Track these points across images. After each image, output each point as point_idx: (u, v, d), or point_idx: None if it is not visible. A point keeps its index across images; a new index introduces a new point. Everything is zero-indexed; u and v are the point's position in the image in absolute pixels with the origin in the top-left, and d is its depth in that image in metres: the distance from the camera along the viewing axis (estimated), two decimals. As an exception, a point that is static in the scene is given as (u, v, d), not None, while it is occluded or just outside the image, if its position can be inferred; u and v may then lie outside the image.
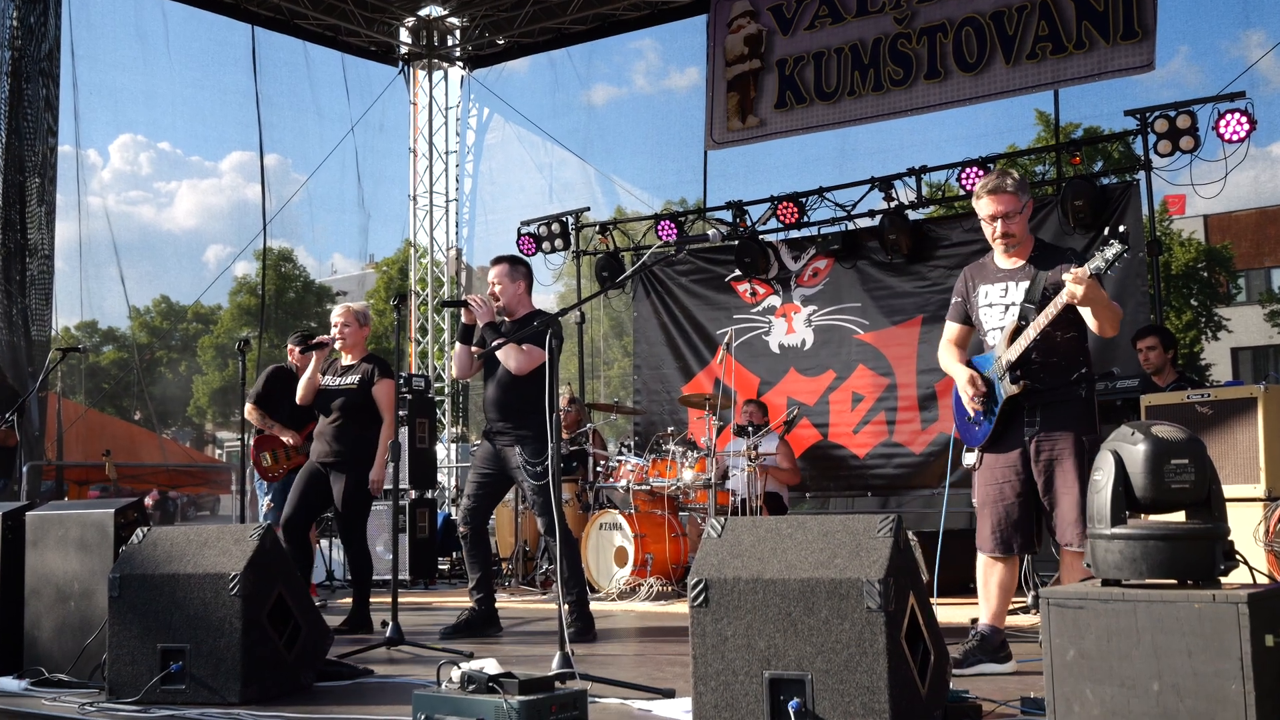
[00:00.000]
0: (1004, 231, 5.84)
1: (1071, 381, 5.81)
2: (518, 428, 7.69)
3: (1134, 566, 3.97)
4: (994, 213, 5.83)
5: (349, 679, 6.06)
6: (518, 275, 7.99)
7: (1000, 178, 5.85)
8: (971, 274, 6.12)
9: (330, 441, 8.35)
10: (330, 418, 8.40)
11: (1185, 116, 10.98)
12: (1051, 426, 5.73)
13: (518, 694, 4.27)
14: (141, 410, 35.06)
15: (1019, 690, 5.01)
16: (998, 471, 5.84)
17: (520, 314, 7.94)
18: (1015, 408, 5.78)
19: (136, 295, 33.75)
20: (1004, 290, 5.91)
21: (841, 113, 13.67)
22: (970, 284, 6.08)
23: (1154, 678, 3.74)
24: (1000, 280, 5.94)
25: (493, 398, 7.83)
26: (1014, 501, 5.79)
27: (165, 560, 5.61)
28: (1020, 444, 5.78)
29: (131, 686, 5.41)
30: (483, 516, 8.00)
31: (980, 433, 5.92)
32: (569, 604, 7.41)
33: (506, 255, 8.19)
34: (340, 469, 8.31)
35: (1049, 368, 5.77)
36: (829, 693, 4.09)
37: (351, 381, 8.41)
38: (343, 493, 8.29)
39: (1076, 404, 5.80)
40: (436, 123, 18.03)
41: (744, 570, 4.35)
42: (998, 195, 5.82)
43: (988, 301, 5.97)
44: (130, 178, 48.80)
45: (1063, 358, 5.79)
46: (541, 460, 7.52)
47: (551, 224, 15.10)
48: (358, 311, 8.65)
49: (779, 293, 13.87)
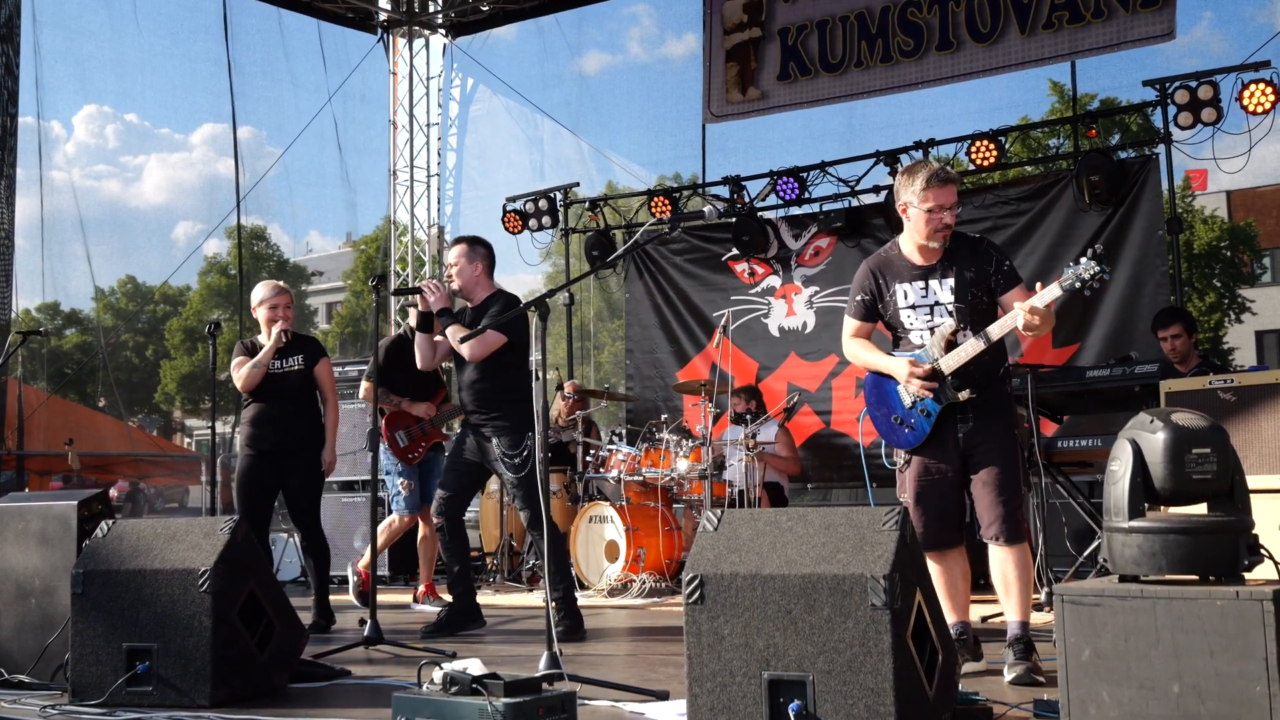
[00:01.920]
0: (949, 223, 5.77)
1: (999, 378, 5.91)
2: (496, 417, 7.74)
3: (1153, 562, 3.96)
4: (945, 203, 5.72)
5: (325, 680, 6.06)
6: (476, 256, 8.03)
7: (943, 168, 5.80)
8: (879, 270, 6.00)
9: (284, 428, 8.53)
10: (280, 403, 8.56)
11: (1207, 87, 10.96)
12: (982, 423, 5.78)
13: (503, 696, 4.27)
14: (106, 397, 35.00)
15: (1032, 692, 5.02)
16: (934, 469, 5.87)
17: (480, 297, 7.99)
18: (949, 408, 5.80)
19: (101, 275, 33.65)
20: (924, 289, 5.84)
21: (848, 85, 13.60)
22: (881, 282, 5.97)
23: (1174, 679, 3.74)
24: (918, 278, 5.86)
25: (468, 385, 7.87)
26: (947, 497, 5.86)
27: (131, 555, 5.60)
28: (955, 441, 5.82)
29: (95, 688, 5.40)
30: (459, 508, 8.06)
31: (913, 435, 5.89)
32: (555, 600, 7.40)
33: (465, 236, 8.27)
34: (296, 456, 8.51)
35: (982, 367, 5.78)
36: (831, 694, 4.09)
37: (294, 364, 8.60)
38: (303, 481, 8.51)
39: (1003, 399, 5.91)
40: (417, 93, 17.94)
41: (742, 566, 4.34)
42: (948, 188, 5.74)
43: (909, 302, 5.88)
44: (96, 151, 48.57)
45: (993, 356, 5.82)
46: (520, 451, 7.56)
47: (539, 200, 15.08)
48: (291, 292, 8.98)
49: (779, 273, 13.86)
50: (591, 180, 16.55)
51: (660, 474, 10.73)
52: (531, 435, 7.64)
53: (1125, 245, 11.63)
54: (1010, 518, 5.70)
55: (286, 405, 8.52)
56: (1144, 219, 11.65)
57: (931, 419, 5.80)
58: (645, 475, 10.85)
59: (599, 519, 10.72)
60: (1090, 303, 11.50)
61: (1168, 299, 11.34)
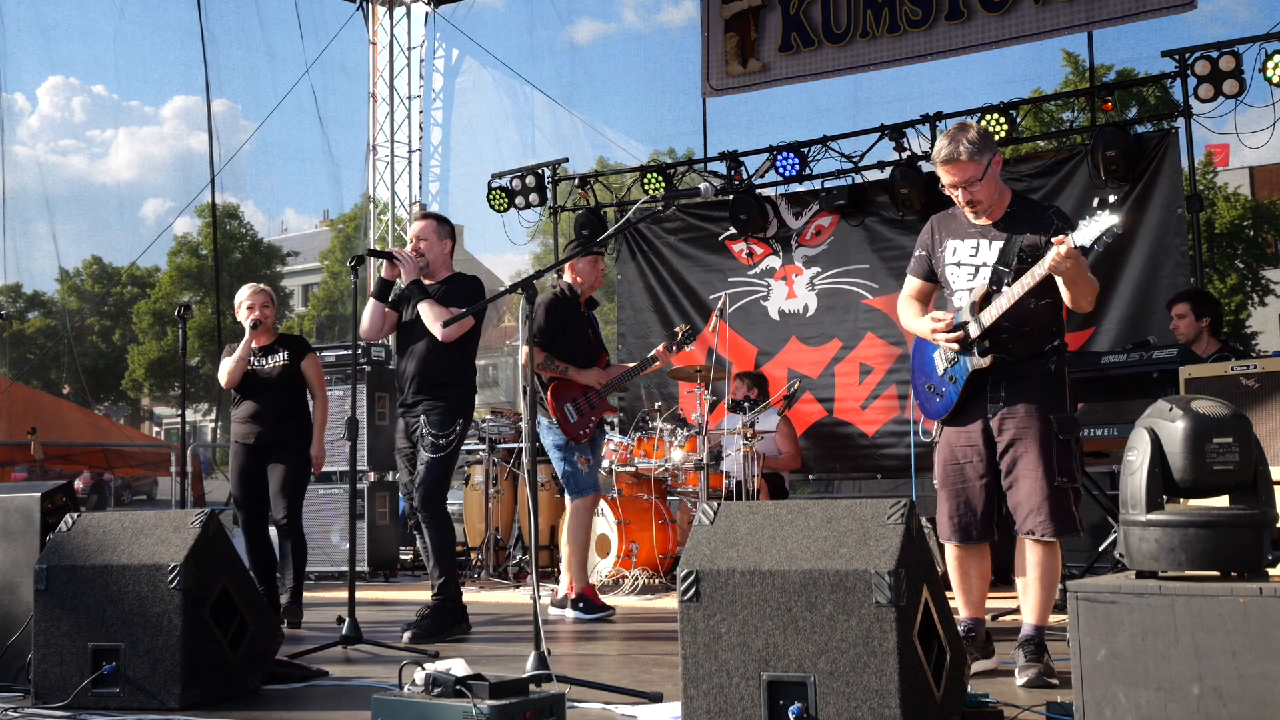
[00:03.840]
0: (968, 200, 5.78)
1: (1043, 353, 5.78)
2: (434, 398, 7.84)
3: (1172, 557, 3.96)
4: (952, 183, 5.77)
5: (301, 681, 6.05)
6: (444, 234, 8.16)
7: (953, 144, 5.75)
8: (939, 225, 6.04)
9: (264, 424, 8.72)
10: (261, 399, 8.75)
11: (1229, 58, 10.96)
12: (1017, 402, 5.70)
13: (488, 698, 4.26)
14: (71, 383, 35.02)
15: (1044, 694, 5.02)
16: (958, 450, 5.83)
17: (442, 275, 8.09)
18: (980, 381, 5.75)
19: (67, 256, 33.64)
20: (974, 248, 5.85)
21: (853, 57, 13.56)
22: (937, 237, 6.01)
23: (1194, 680, 3.74)
24: (972, 237, 5.87)
25: (412, 370, 7.93)
26: (975, 483, 5.78)
27: (97, 550, 5.58)
28: (983, 420, 5.76)
29: (60, 689, 5.39)
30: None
31: (942, 404, 5.88)
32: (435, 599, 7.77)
33: (433, 212, 8.34)
34: (277, 451, 8.69)
35: (1020, 337, 5.72)
36: (833, 696, 4.09)
37: (278, 361, 8.80)
38: (283, 477, 8.64)
39: (1045, 378, 5.76)
40: (398, 65, 17.91)
41: (739, 561, 4.34)
42: (952, 166, 5.75)
43: (955, 259, 5.90)
44: (61, 125, 48.54)
45: (1035, 327, 5.74)
46: (447, 433, 7.66)
47: (526, 176, 15.06)
48: (270, 292, 9.03)
49: (778, 253, 13.85)
50: (586, 157, 16.57)
51: (654, 465, 10.73)
52: (462, 422, 7.83)
53: (1143, 224, 11.62)
54: (1044, 512, 5.59)
55: (272, 401, 8.73)
56: (1162, 196, 11.64)
57: (959, 386, 5.77)
58: (638, 466, 10.85)
59: (589, 512, 10.71)
60: (1106, 284, 11.49)
61: (1187, 280, 11.34)
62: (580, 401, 8.97)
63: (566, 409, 8.91)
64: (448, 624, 7.65)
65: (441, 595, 7.74)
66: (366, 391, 12.39)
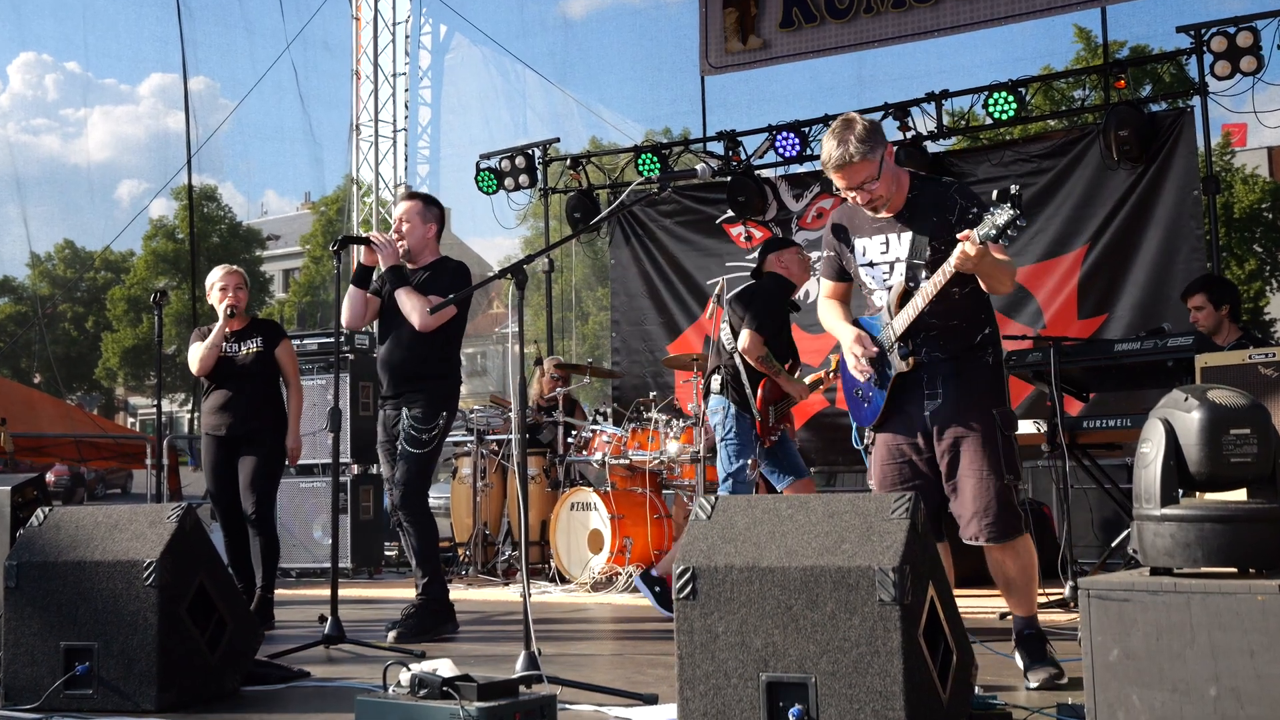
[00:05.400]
0: (868, 201, 5.63)
1: (976, 345, 5.67)
2: (417, 390, 7.79)
3: (1187, 553, 3.96)
4: (848, 186, 5.60)
5: (282, 682, 6.05)
6: (430, 217, 8.07)
7: (842, 146, 5.52)
8: (842, 223, 5.90)
9: (236, 414, 8.65)
10: (232, 387, 8.69)
11: (1247, 33, 10.94)
12: (956, 401, 5.59)
13: (476, 700, 4.26)
14: (43, 372, 35.00)
15: (1055, 696, 5.02)
16: (896, 451, 5.72)
17: (425, 261, 8.01)
18: (912, 381, 5.65)
19: (38, 240, 33.63)
20: (884, 244, 5.72)
21: (857, 33, 13.54)
22: (843, 236, 5.88)
23: (1211, 681, 3.74)
24: (879, 231, 5.73)
25: (394, 360, 7.88)
26: (916, 485, 5.64)
27: (70, 545, 5.57)
28: (920, 421, 5.66)
29: (31, 691, 5.38)
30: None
31: (870, 410, 5.79)
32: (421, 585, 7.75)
33: (418, 192, 8.22)
34: (249, 443, 8.61)
35: (949, 332, 5.62)
36: (835, 698, 4.08)
37: (253, 347, 8.73)
38: (254, 470, 8.56)
39: (984, 372, 5.66)
40: (383, 40, 17.88)
41: (737, 557, 4.33)
42: (844, 170, 5.56)
43: (868, 259, 5.77)
44: (33, 103, 48.66)
45: (963, 319, 5.64)
46: (430, 428, 7.63)
47: (515, 157, 15.03)
48: (244, 273, 9.03)
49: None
50: (579, 137, 16.55)
51: (648, 457, 10.73)
52: (445, 415, 7.79)
53: (1157, 206, 11.62)
54: (990, 515, 5.49)
55: (244, 389, 8.66)
56: (1177, 178, 11.63)
57: (885, 390, 5.67)
58: (632, 458, 10.85)
59: (582, 506, 10.73)
60: (1119, 270, 11.50)
61: (1203, 266, 11.34)
62: (781, 406, 8.97)
63: (770, 410, 8.87)
64: (434, 623, 7.64)
65: (426, 595, 7.72)
66: (350, 381, 12.35)
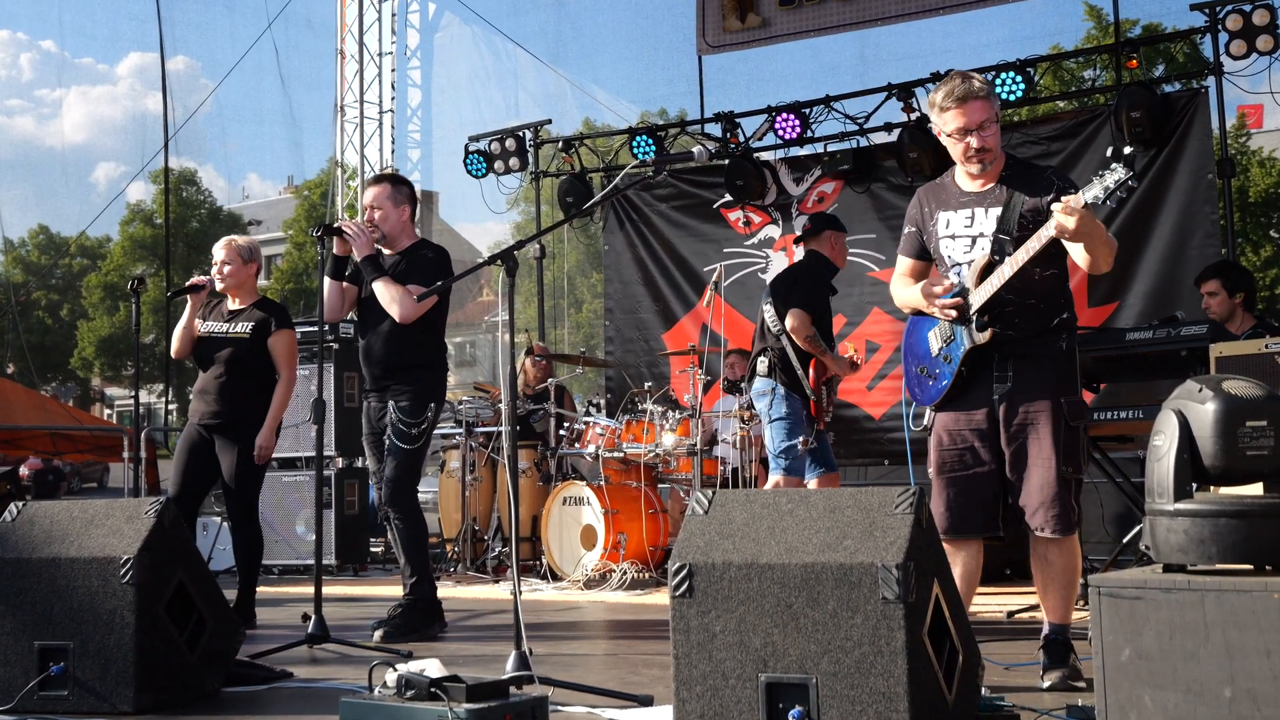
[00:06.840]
0: (980, 146, 5.62)
1: (1051, 329, 5.66)
2: (403, 382, 7.74)
3: (1201, 549, 3.95)
4: (965, 125, 5.59)
5: (264, 683, 6.05)
6: (401, 198, 7.97)
7: (966, 80, 5.62)
8: (928, 198, 5.93)
9: (215, 400, 8.40)
10: (214, 371, 8.45)
11: (1263, 11, 10.96)
12: (1026, 385, 5.59)
13: (465, 701, 4.26)
14: (16, 362, 34.93)
15: (1065, 697, 5.02)
16: (958, 435, 5.71)
17: (403, 245, 7.94)
18: (982, 360, 5.64)
19: (11, 225, 33.63)
20: (969, 218, 5.73)
21: (859, 11, 13.51)
22: (927, 210, 5.89)
23: (1226, 682, 3.74)
24: (965, 206, 5.75)
25: (377, 351, 7.83)
26: (977, 472, 5.66)
27: (44, 541, 5.57)
28: (987, 404, 5.64)
29: (3, 692, 5.38)
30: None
31: (935, 388, 5.78)
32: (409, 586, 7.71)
33: (387, 174, 8.19)
34: (228, 434, 8.37)
35: (1025, 311, 5.61)
36: (837, 699, 4.08)
37: (242, 330, 8.46)
38: (234, 463, 8.33)
39: (1056, 358, 5.65)
40: (369, 19, 17.82)
41: (736, 554, 4.33)
42: (968, 104, 5.58)
43: (950, 232, 5.78)
44: (7, 83, 48.62)
45: (1041, 300, 5.63)
46: (419, 422, 7.60)
47: (505, 139, 15.01)
48: (242, 246, 8.67)
49: (778, 222, 13.85)
50: (572, 118, 16.55)
51: (643, 450, 10.72)
52: (433, 407, 7.74)
53: (1170, 190, 11.62)
54: (1058, 506, 5.48)
55: (221, 374, 8.40)
56: (1191, 161, 11.63)
57: (954, 367, 5.67)
58: (626, 451, 10.85)
59: (574, 501, 10.72)
60: (1130, 256, 11.49)
61: (1218, 252, 11.35)
62: (832, 385, 9.32)
63: (823, 389, 9.26)
64: (422, 622, 7.62)
65: (414, 594, 7.70)
66: (334, 371, 12.31)
